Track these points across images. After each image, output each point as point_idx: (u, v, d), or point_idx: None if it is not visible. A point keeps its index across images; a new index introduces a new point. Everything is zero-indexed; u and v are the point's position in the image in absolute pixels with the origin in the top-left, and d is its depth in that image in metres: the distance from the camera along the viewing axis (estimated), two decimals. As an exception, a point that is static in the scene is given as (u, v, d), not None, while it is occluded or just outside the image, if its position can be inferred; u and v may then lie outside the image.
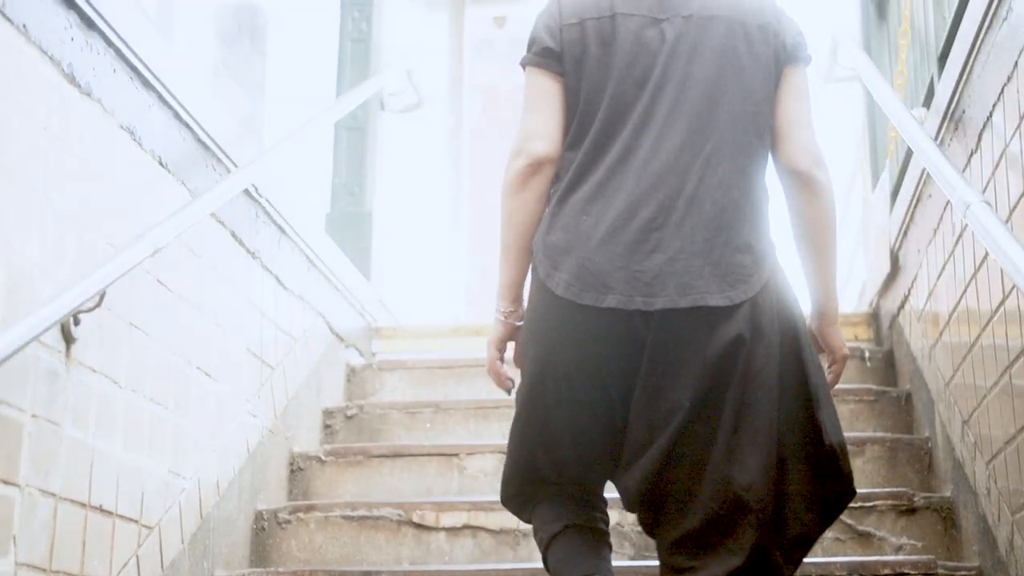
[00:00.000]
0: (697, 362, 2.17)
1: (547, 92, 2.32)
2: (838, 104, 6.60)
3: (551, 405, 2.29)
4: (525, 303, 2.38)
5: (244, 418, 3.52)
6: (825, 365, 2.41)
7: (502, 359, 2.41)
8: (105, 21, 2.63)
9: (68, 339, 2.48)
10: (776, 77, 2.31)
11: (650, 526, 2.31)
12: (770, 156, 2.36)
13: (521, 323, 2.37)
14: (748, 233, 2.23)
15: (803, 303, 2.36)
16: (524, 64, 2.37)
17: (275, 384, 3.81)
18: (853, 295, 6.27)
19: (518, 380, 2.40)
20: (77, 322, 2.49)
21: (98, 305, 2.52)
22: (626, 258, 2.18)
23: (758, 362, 2.19)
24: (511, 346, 2.44)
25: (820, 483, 2.26)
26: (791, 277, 2.35)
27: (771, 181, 2.38)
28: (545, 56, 2.33)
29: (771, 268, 2.26)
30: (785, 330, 2.25)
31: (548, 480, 2.39)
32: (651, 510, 2.27)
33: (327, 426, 4.32)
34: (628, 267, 2.18)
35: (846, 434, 3.83)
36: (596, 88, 2.28)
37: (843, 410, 4.05)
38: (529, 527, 2.53)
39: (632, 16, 2.28)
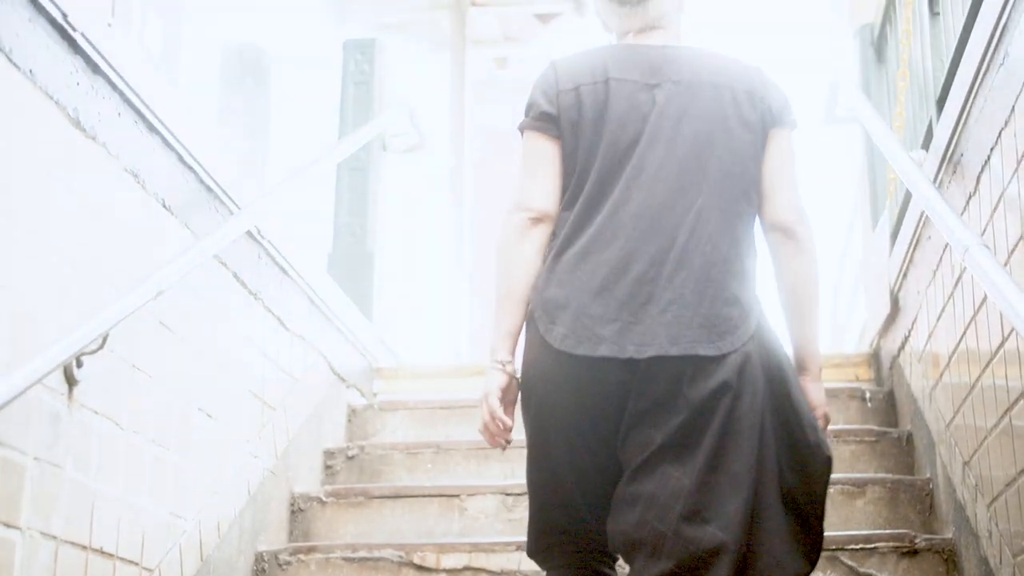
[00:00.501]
0: (678, 406, 2.25)
1: (545, 153, 2.43)
2: (838, 144, 6.63)
3: (553, 449, 2.37)
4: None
5: (245, 459, 3.52)
6: None
7: (501, 405, 2.39)
8: (110, 65, 2.66)
9: (71, 381, 2.49)
10: (763, 139, 2.43)
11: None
12: (757, 214, 2.46)
13: (517, 374, 2.41)
14: (736, 287, 2.33)
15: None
16: (523, 128, 2.47)
17: (276, 425, 3.81)
18: (854, 336, 6.27)
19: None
20: (80, 364, 2.50)
21: (101, 347, 2.53)
22: (619, 310, 2.28)
23: (742, 408, 2.26)
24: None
25: (802, 523, 2.32)
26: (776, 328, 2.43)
27: (758, 239, 2.46)
28: (543, 120, 2.43)
29: (758, 320, 2.34)
30: (773, 377, 2.33)
31: (561, 528, 2.45)
32: (625, 553, 2.31)
33: (328, 467, 4.32)
34: (621, 318, 2.27)
35: (847, 474, 3.86)
36: (590, 149, 2.39)
37: (844, 451, 4.05)
38: (530, 568, 2.54)
39: (625, 81, 2.40)
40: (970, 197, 2.93)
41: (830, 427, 4.14)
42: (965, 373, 3.10)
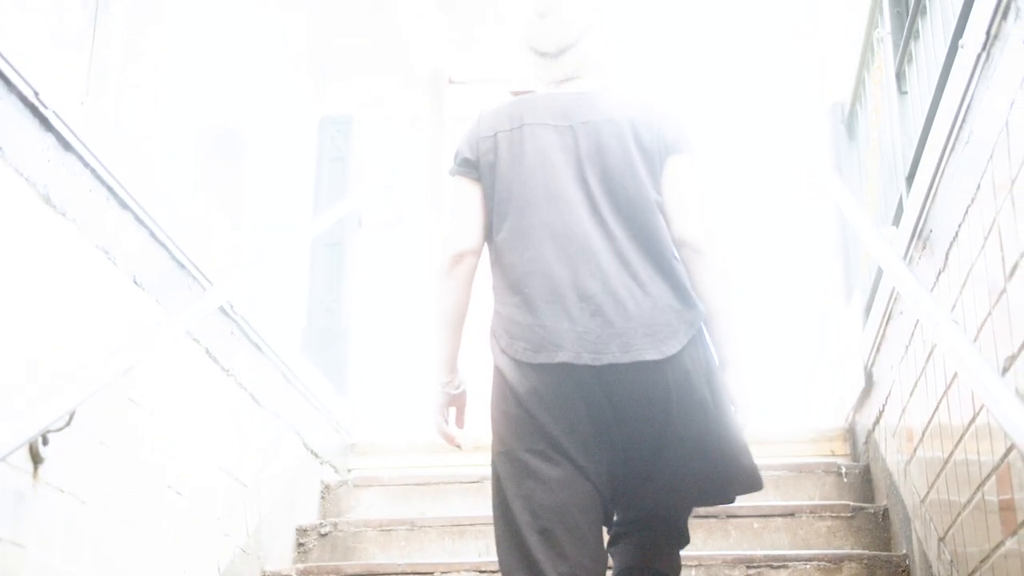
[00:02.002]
0: (640, 409, 2.53)
1: (468, 195, 2.70)
2: (812, 217, 6.68)
3: (522, 455, 2.53)
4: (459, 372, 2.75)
5: (216, 537, 3.48)
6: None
7: (446, 422, 2.76)
8: (82, 143, 2.67)
9: (36, 459, 2.46)
10: (661, 166, 2.67)
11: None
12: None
13: (457, 391, 2.74)
14: (670, 297, 2.59)
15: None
16: (450, 173, 2.75)
17: (248, 502, 3.77)
18: (829, 409, 6.26)
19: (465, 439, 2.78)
20: (46, 442, 2.48)
21: (67, 425, 2.51)
22: (570, 323, 2.52)
23: (686, 405, 2.55)
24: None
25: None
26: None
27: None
28: (464, 165, 2.72)
29: (697, 330, 2.60)
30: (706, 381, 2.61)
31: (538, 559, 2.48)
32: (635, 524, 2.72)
33: (300, 544, 4.27)
34: (574, 329, 2.52)
35: (824, 551, 3.84)
36: (509, 187, 2.65)
37: (820, 527, 4.03)
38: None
39: (538, 125, 2.68)
40: (940, 272, 2.95)
41: (806, 503, 4.17)
42: (938, 448, 3.09)
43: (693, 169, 2.71)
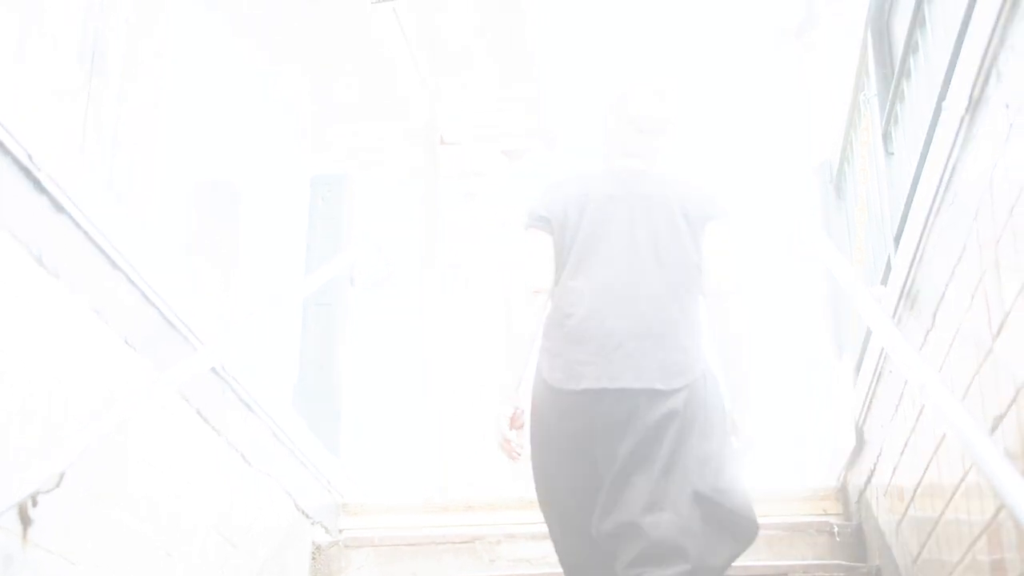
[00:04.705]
0: (639, 427, 3.00)
1: (542, 245, 3.23)
2: (802, 277, 6.70)
3: (551, 464, 3.12)
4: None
5: (205, 599, 3.45)
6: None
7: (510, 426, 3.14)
8: (75, 205, 2.68)
9: (25, 521, 2.45)
10: (700, 233, 3.19)
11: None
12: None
13: (519, 407, 3.15)
14: (684, 340, 3.09)
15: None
16: (525, 227, 3.28)
17: (238, 563, 3.75)
18: (821, 468, 6.25)
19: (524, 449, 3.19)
20: (35, 503, 2.47)
21: (57, 486, 2.50)
22: (596, 356, 3.05)
23: (686, 430, 3.00)
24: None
25: (723, 522, 3.04)
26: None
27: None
28: (541, 221, 3.26)
29: (703, 368, 3.09)
30: (710, 413, 3.06)
31: (566, 529, 3.15)
32: (611, 541, 3.00)
33: (291, 606, 4.24)
34: (598, 362, 3.04)
35: (817, 613, 3.83)
36: (572, 243, 3.19)
37: (813, 586, 4.01)
38: None
39: (600, 195, 3.22)
40: (928, 331, 2.96)
41: (799, 562, 4.15)
42: (929, 507, 3.09)
43: (727, 231, 3.24)
